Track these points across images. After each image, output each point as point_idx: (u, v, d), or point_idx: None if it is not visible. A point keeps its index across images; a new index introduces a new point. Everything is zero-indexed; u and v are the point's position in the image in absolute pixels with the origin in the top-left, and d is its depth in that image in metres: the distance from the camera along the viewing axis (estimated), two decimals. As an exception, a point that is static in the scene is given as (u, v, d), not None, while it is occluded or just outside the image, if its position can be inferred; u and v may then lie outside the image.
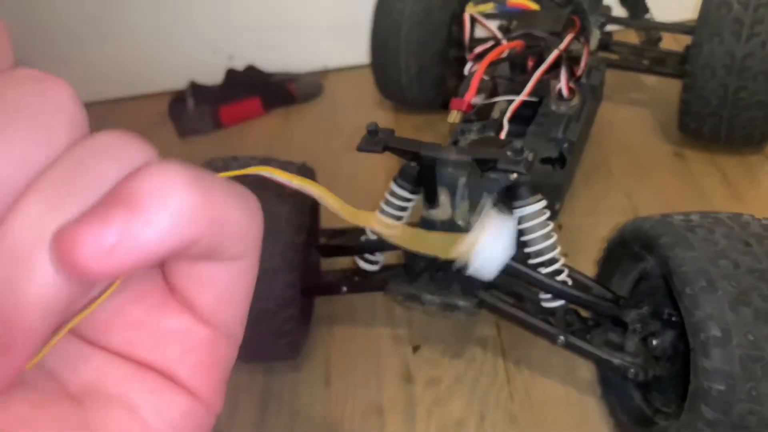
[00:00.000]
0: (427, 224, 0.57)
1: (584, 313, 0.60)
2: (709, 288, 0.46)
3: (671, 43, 1.01)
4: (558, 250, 0.58)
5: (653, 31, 0.98)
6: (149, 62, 1.20)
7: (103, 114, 1.20)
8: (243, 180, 0.16)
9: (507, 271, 0.57)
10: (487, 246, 0.17)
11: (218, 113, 1.10)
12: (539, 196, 0.58)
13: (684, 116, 0.86)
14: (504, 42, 0.74)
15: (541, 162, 0.69)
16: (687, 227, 0.50)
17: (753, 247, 0.48)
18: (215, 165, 0.65)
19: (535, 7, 0.79)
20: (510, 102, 0.68)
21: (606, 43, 0.93)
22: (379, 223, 0.18)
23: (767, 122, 0.81)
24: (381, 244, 0.64)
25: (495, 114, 0.70)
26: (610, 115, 0.95)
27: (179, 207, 0.13)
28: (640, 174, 0.88)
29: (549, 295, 0.59)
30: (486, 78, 0.70)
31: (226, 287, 0.16)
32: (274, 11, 1.17)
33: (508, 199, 0.58)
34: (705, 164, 0.88)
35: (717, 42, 0.78)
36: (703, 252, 0.48)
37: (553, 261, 0.58)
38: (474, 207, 0.57)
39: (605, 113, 0.90)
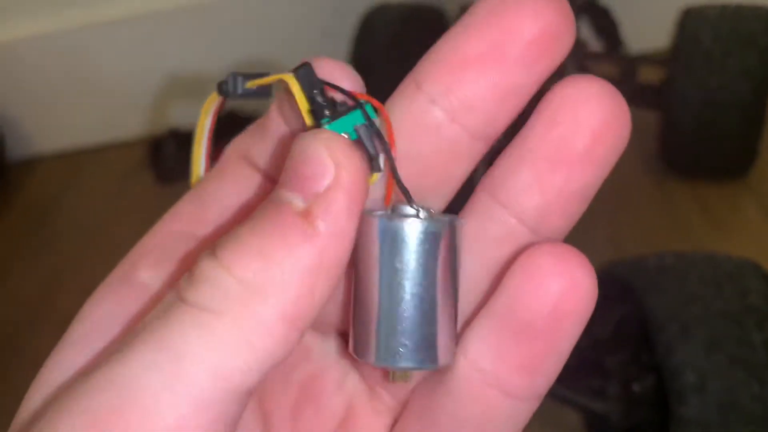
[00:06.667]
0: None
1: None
2: (683, 334, 0.45)
3: (649, 72, 1.01)
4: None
5: (629, 63, 0.98)
6: (128, 108, 1.20)
7: (83, 161, 1.20)
8: None
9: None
10: None
11: (199, 159, 1.10)
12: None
13: (663, 148, 0.86)
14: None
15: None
16: (660, 271, 0.50)
17: (724, 289, 0.47)
18: None
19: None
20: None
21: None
22: None
23: (744, 153, 0.81)
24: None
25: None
26: (589, 149, 0.95)
27: None
28: (621, 205, 0.88)
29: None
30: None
31: None
32: (253, 54, 1.17)
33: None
34: (686, 194, 0.88)
35: (689, 76, 0.78)
36: (675, 296, 0.47)
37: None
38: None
39: (584, 147, 0.90)
